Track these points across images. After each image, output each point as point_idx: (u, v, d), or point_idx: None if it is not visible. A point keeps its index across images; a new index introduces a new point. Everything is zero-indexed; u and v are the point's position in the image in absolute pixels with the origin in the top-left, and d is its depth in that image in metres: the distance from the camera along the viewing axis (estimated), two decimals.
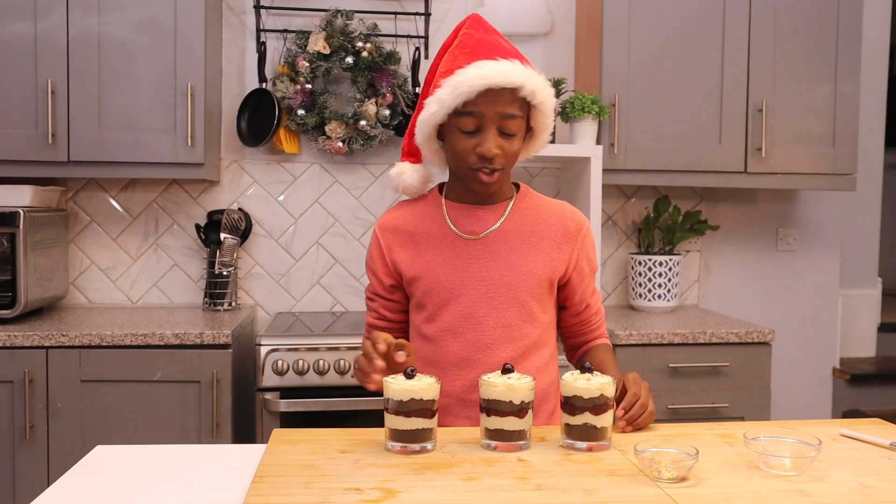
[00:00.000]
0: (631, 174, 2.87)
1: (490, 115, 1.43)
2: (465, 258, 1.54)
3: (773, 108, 2.89)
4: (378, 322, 1.67)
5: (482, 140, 1.45)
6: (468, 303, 1.53)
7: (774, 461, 1.18)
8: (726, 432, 1.39)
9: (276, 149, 3.06)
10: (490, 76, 1.41)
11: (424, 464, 1.19)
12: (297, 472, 1.14)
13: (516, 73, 1.43)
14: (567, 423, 1.28)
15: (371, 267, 1.63)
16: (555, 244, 1.56)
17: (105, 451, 1.28)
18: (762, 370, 2.70)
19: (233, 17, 3.05)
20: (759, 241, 3.33)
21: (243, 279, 3.09)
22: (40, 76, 2.62)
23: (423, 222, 1.58)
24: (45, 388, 2.44)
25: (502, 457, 1.23)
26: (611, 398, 1.28)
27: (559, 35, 3.19)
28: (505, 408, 1.26)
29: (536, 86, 1.45)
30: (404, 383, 1.24)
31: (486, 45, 1.47)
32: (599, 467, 1.19)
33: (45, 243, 2.73)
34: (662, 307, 3.04)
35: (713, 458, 1.25)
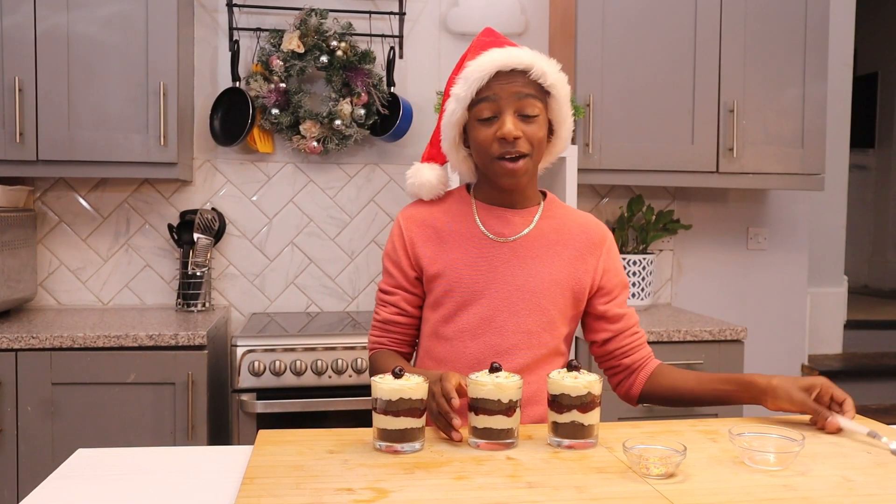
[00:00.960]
0: (605, 174, 2.89)
1: (505, 96, 1.44)
2: (491, 260, 1.52)
3: (744, 109, 2.93)
4: (397, 317, 1.60)
5: (501, 123, 1.45)
6: (489, 306, 1.51)
7: (759, 457, 1.20)
8: (709, 429, 1.41)
9: (249, 148, 3.03)
10: (498, 58, 1.43)
11: (415, 463, 1.19)
12: (287, 472, 1.13)
13: (525, 55, 1.45)
14: (554, 420, 1.29)
15: (394, 259, 1.59)
16: (579, 255, 1.55)
17: (87, 454, 1.25)
18: (735, 367, 2.74)
19: (205, 14, 3.02)
20: (730, 240, 3.37)
21: (217, 280, 3.06)
22: (7, 73, 2.57)
23: (451, 219, 1.56)
24: (15, 391, 2.39)
25: (491, 455, 1.24)
26: (598, 396, 1.28)
27: (533, 35, 3.21)
28: (493, 406, 1.26)
29: (547, 68, 1.46)
30: (392, 383, 1.24)
31: (496, 43, 1.49)
32: (588, 464, 1.20)
33: (13, 244, 2.67)
34: (637, 305, 3.06)
35: (699, 454, 1.26)
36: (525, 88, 1.45)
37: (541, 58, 1.47)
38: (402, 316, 1.61)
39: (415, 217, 1.59)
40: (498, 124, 1.45)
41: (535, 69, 1.44)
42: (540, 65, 1.45)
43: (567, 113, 1.52)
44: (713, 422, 1.46)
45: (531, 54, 1.46)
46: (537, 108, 1.46)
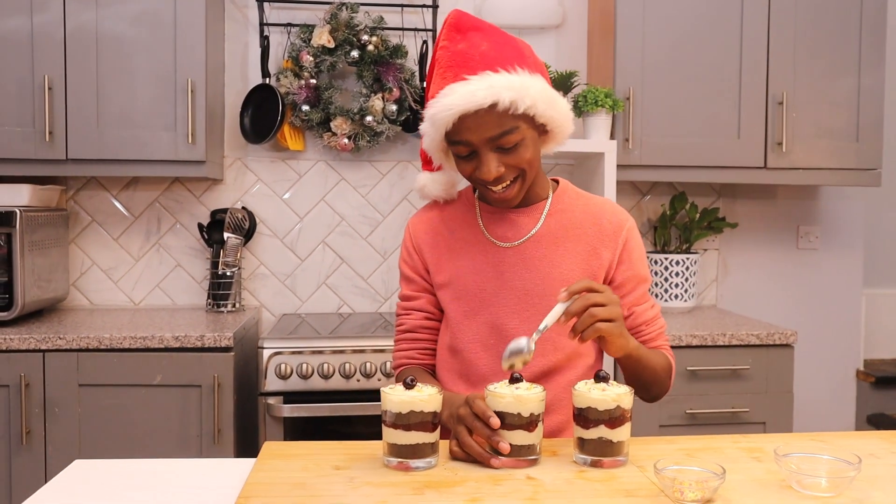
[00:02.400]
0: (646, 170, 2.77)
1: (477, 140, 1.32)
2: (498, 266, 1.44)
3: (794, 101, 2.78)
4: (424, 322, 1.53)
5: (479, 164, 1.35)
6: (499, 314, 1.43)
7: (809, 481, 1.08)
8: (753, 445, 1.29)
9: (280, 146, 2.97)
10: (457, 104, 1.29)
11: (425, 482, 1.10)
12: (286, 491, 1.05)
13: (485, 90, 1.27)
14: (580, 437, 1.19)
15: (410, 264, 1.54)
16: (591, 248, 1.45)
17: (83, 465, 1.20)
18: (784, 373, 2.60)
19: (235, 11, 2.97)
20: (779, 239, 3.21)
21: (248, 280, 3.01)
22: (37, 72, 2.55)
23: (455, 225, 1.50)
24: (43, 392, 2.36)
25: (510, 474, 1.14)
26: (628, 410, 1.18)
27: (571, 27, 3.09)
28: (513, 420, 1.16)
29: (515, 95, 1.28)
30: (403, 394, 1.15)
31: (458, 60, 1.32)
32: (616, 486, 1.10)
33: (44, 244, 2.65)
34: (679, 308, 2.94)
35: (740, 475, 1.15)
36: (496, 127, 1.31)
37: (506, 85, 1.28)
38: (430, 320, 1.54)
39: (421, 225, 1.54)
40: (476, 162, 1.35)
41: (500, 103, 1.28)
42: (506, 97, 1.28)
43: (556, 117, 1.36)
44: (758, 437, 1.35)
45: (491, 88, 1.27)
46: (517, 136, 1.33)
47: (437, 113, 1.32)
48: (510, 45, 1.35)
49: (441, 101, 1.31)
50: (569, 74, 2.66)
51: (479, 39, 1.33)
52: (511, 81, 1.29)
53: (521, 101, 1.29)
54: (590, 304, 1.21)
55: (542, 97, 1.32)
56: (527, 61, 1.33)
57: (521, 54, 1.34)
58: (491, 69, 1.29)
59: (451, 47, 1.34)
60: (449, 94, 1.30)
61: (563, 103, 1.37)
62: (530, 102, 1.30)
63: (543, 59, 2.95)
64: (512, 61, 1.31)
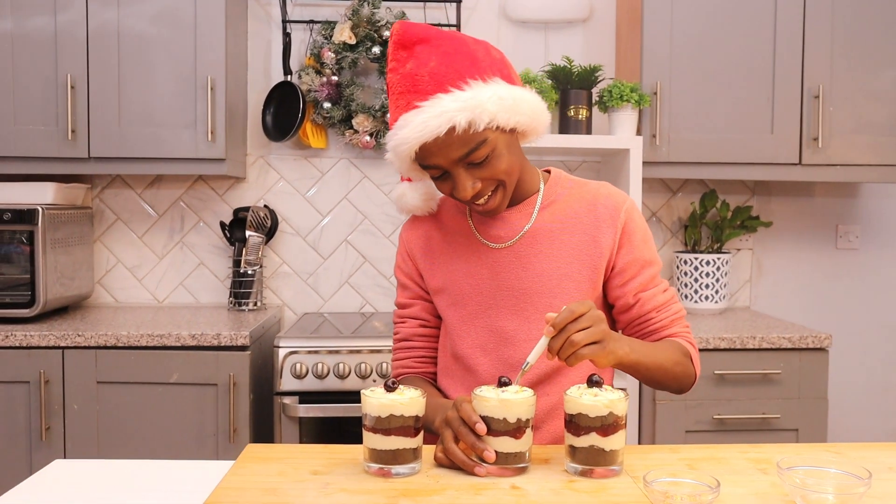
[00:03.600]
0: (674, 167, 2.68)
1: (445, 163, 1.27)
2: (493, 267, 1.39)
3: (831, 95, 2.66)
4: (419, 329, 1.50)
5: (453, 184, 1.29)
6: (497, 317, 1.38)
7: (815, 497, 1.01)
8: (761, 456, 1.22)
9: (302, 144, 2.95)
10: (412, 137, 1.23)
11: (402, 490, 1.05)
12: (255, 497, 1.01)
13: (437, 118, 1.21)
14: (571, 444, 1.13)
15: (405, 271, 1.50)
16: (589, 237, 1.37)
17: (62, 465, 1.18)
18: (818, 378, 2.49)
19: (258, 8, 2.96)
20: (817, 238, 3.09)
21: (270, 278, 3.00)
22: (60, 71, 2.57)
23: (448, 229, 1.45)
24: (62, 388, 2.38)
25: (494, 483, 1.09)
26: (622, 417, 1.12)
27: (599, 21, 3.01)
28: (499, 426, 1.11)
29: (470, 115, 1.21)
30: (383, 397, 1.11)
31: (407, 84, 1.26)
32: (605, 498, 1.04)
33: (67, 241, 2.67)
34: (710, 309, 2.84)
35: (742, 489, 1.08)
36: (461, 147, 1.24)
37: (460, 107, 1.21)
38: (425, 327, 1.50)
39: (414, 230, 1.49)
40: (451, 182, 1.30)
41: (458, 127, 1.21)
42: (461, 119, 1.21)
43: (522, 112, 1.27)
44: (768, 448, 1.27)
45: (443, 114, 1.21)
46: (486, 149, 1.26)
47: (396, 146, 1.28)
48: (461, 52, 1.26)
49: (397, 135, 1.26)
50: (592, 69, 2.58)
51: (427, 55, 1.25)
52: (464, 101, 1.21)
53: (478, 120, 1.22)
54: (570, 335, 1.12)
55: (501, 107, 1.24)
56: (480, 67, 1.25)
57: (474, 61, 1.25)
58: (441, 90, 1.22)
59: (399, 69, 1.28)
60: (404, 126, 1.25)
61: (527, 101, 1.29)
62: (489, 118, 1.23)
63: (570, 54, 2.88)
64: (463, 75, 1.23)
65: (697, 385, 2.41)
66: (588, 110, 2.60)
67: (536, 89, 2.52)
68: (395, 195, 1.48)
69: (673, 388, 1.37)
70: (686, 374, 1.36)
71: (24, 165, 2.61)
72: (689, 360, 1.36)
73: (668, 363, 1.32)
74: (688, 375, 1.36)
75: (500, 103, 1.24)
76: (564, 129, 2.60)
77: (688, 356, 1.36)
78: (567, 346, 1.12)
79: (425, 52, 1.25)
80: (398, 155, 1.29)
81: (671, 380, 1.34)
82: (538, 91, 2.51)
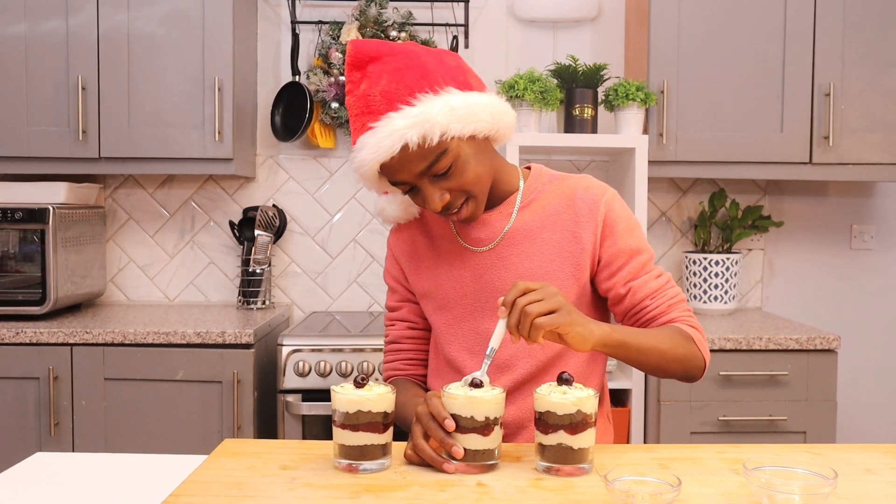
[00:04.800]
0: (682, 166, 2.65)
1: (409, 178, 1.27)
2: (475, 271, 1.38)
3: (843, 92, 2.62)
4: (407, 332, 1.51)
5: (423, 198, 1.30)
6: (482, 319, 1.38)
7: (780, 497, 0.99)
8: (739, 456, 1.20)
9: (311, 143, 2.97)
10: (369, 158, 1.24)
11: (367, 485, 1.05)
12: (219, 490, 1.02)
13: (390, 138, 1.21)
14: (540, 442, 1.12)
15: (393, 274, 1.51)
16: (570, 234, 1.36)
17: (42, 458, 1.20)
18: (827, 380, 2.45)
19: (268, 9, 2.99)
20: (831, 238, 3.04)
21: (279, 277, 3.03)
22: (71, 73, 2.62)
23: (432, 232, 1.46)
24: (70, 385, 2.42)
25: (460, 480, 1.08)
26: (591, 415, 1.11)
27: (608, 19, 2.99)
28: (466, 424, 1.10)
29: (421, 130, 1.20)
30: (351, 393, 1.11)
31: (361, 106, 1.26)
32: (569, 497, 1.03)
33: (78, 240, 2.72)
34: (719, 310, 2.80)
35: (711, 489, 1.06)
36: (421, 161, 1.24)
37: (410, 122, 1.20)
38: (413, 329, 1.51)
39: (400, 235, 1.50)
40: (422, 195, 1.29)
41: (411, 143, 1.21)
42: (413, 136, 1.20)
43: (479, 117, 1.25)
44: (746, 448, 1.25)
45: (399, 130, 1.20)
46: (448, 159, 1.25)
47: (358, 168, 1.28)
48: (412, 66, 1.24)
49: (357, 157, 1.27)
50: (597, 68, 2.57)
51: (378, 73, 1.25)
52: (414, 118, 1.20)
53: (430, 133, 1.21)
54: (522, 307, 1.12)
55: (452, 117, 1.22)
56: (431, 78, 1.24)
57: (424, 73, 1.24)
58: (392, 109, 1.22)
59: (354, 91, 1.28)
60: (361, 149, 1.26)
61: (484, 104, 1.26)
62: (441, 130, 1.21)
63: (579, 53, 2.87)
64: (413, 90, 1.22)
65: (703, 386, 2.41)
66: (594, 109, 2.59)
67: (541, 88, 2.52)
68: (376, 209, 1.50)
69: (678, 374, 1.31)
70: (690, 357, 1.30)
71: (37, 165, 2.66)
72: (692, 343, 1.31)
73: (665, 345, 1.27)
74: (693, 358, 1.31)
75: (452, 114, 1.22)
76: (570, 129, 2.59)
77: (691, 340, 1.31)
78: (522, 319, 1.11)
79: (377, 70, 1.25)
80: (363, 175, 1.30)
81: (673, 364, 1.28)
82: (542, 90, 2.51)
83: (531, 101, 2.51)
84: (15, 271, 2.57)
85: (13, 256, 2.58)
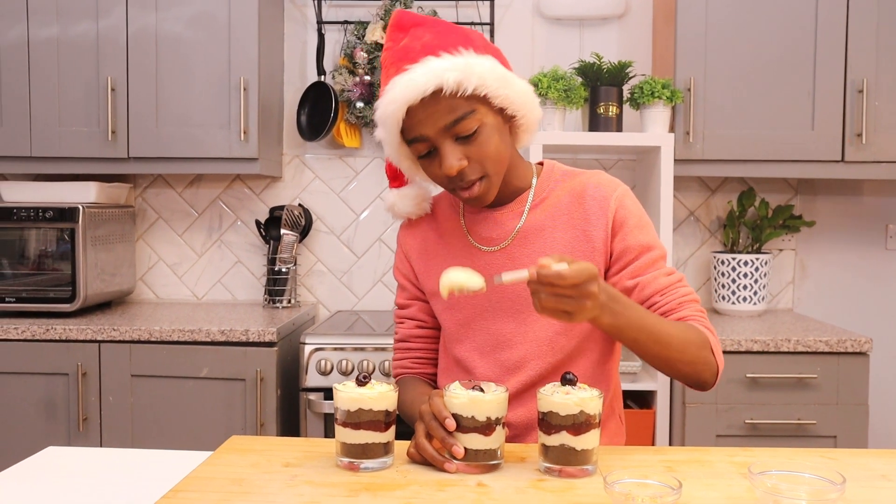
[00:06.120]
0: (709, 164, 2.61)
1: (432, 132, 1.23)
2: (486, 270, 1.35)
3: (876, 89, 2.55)
4: (416, 331, 1.50)
5: (440, 159, 1.25)
6: (493, 320, 1.37)
7: (786, 502, 0.97)
8: (748, 460, 1.17)
9: (337, 143, 2.99)
10: (398, 97, 1.20)
11: (367, 484, 1.05)
12: (220, 487, 1.03)
13: (424, 76, 1.19)
14: (543, 443, 1.11)
15: (403, 272, 1.50)
16: (581, 233, 1.33)
17: (53, 451, 1.22)
18: (858, 384, 2.39)
19: (294, 10, 3.01)
20: (865, 238, 2.96)
21: (305, 276, 3.05)
22: (101, 74, 2.66)
23: (442, 230, 1.44)
24: (98, 381, 2.46)
25: (460, 480, 1.08)
26: (594, 416, 1.09)
27: (635, 17, 2.96)
28: (468, 423, 1.10)
29: (459, 75, 1.19)
30: (352, 391, 1.11)
31: (399, 55, 1.25)
32: (569, 498, 1.02)
33: (108, 239, 2.76)
34: (748, 311, 2.75)
35: (716, 493, 1.04)
36: (449, 114, 1.21)
37: (448, 66, 1.20)
38: (422, 328, 1.50)
39: (410, 230, 1.48)
40: (438, 159, 1.26)
41: (445, 86, 1.19)
42: (450, 78, 1.19)
43: (513, 89, 1.25)
44: (758, 452, 1.22)
45: (432, 71, 1.19)
46: (474, 121, 1.23)
47: (383, 111, 1.24)
48: (456, 32, 1.26)
49: (384, 98, 1.24)
50: (622, 65, 2.54)
51: (422, 32, 1.25)
52: (455, 63, 1.20)
53: (466, 81, 1.20)
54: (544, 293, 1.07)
55: (491, 75, 1.22)
56: (474, 44, 1.24)
57: (468, 39, 1.25)
58: (433, 55, 1.21)
59: (393, 46, 1.27)
60: (391, 89, 1.22)
61: (520, 83, 1.27)
62: (478, 81, 1.21)
63: (605, 51, 2.84)
64: (456, 45, 1.22)
65: (729, 388, 2.37)
66: (618, 107, 2.56)
67: (565, 87, 2.49)
68: (386, 205, 1.47)
69: (687, 373, 1.24)
70: (700, 361, 1.23)
71: (68, 165, 2.71)
72: (707, 346, 1.24)
73: (675, 338, 1.19)
74: (705, 362, 1.24)
75: (492, 72, 1.22)
76: (594, 127, 2.56)
77: (706, 343, 1.24)
78: (535, 297, 1.09)
79: (420, 31, 1.26)
80: (385, 123, 1.25)
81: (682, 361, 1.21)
82: (566, 89, 2.49)
83: (555, 100, 2.49)
84: (46, 269, 2.62)
85: (45, 255, 2.63)
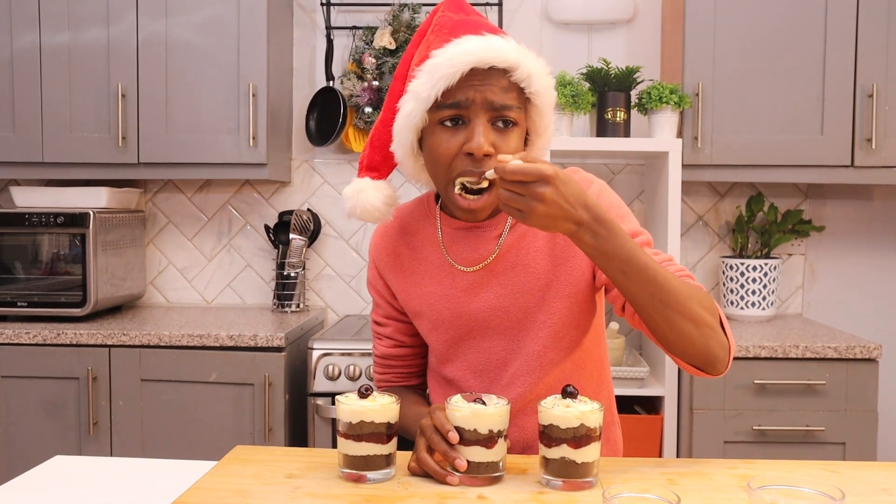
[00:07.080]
0: (717, 170, 2.60)
1: (479, 101, 1.15)
2: (468, 288, 1.29)
3: (887, 93, 2.54)
4: (396, 350, 1.44)
5: (470, 134, 1.15)
6: (482, 336, 1.31)
7: None
8: (749, 472, 1.17)
9: (345, 148, 3.00)
10: (475, 51, 1.14)
11: (367, 496, 1.06)
12: (221, 498, 1.04)
13: (510, 49, 1.16)
14: (544, 455, 1.11)
15: (376, 288, 1.41)
16: (560, 235, 1.23)
17: (60, 461, 1.23)
18: (867, 390, 2.37)
19: (303, 15, 3.02)
20: (876, 244, 2.95)
21: (314, 281, 3.06)
22: (112, 80, 2.68)
23: (416, 243, 1.35)
24: (108, 386, 2.48)
25: (461, 492, 1.08)
26: (595, 429, 1.09)
27: (643, 21, 2.95)
28: (470, 436, 1.10)
29: (534, 69, 1.17)
30: (354, 403, 1.11)
31: (467, 24, 1.20)
32: None
33: (118, 244, 2.79)
34: (757, 316, 2.74)
35: None
36: (503, 95, 1.17)
37: (528, 55, 1.19)
38: (401, 348, 1.44)
39: (383, 246, 1.39)
40: (466, 133, 1.17)
41: (520, 70, 1.16)
42: (527, 65, 1.17)
43: (548, 124, 1.24)
44: (760, 465, 1.22)
45: (517, 49, 1.17)
46: (515, 115, 1.19)
47: (444, 62, 1.15)
48: None
49: (452, 49, 1.15)
50: (630, 70, 2.54)
51: (486, 20, 1.25)
52: (517, 48, 1.18)
53: (535, 81, 1.18)
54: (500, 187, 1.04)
55: (542, 71, 1.20)
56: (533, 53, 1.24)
57: None
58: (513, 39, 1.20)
59: (454, 17, 1.22)
60: (463, 43, 1.15)
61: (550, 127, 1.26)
62: (541, 89, 1.19)
63: (612, 56, 2.84)
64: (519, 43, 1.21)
65: (737, 394, 2.36)
66: (626, 113, 2.55)
67: (572, 92, 2.49)
68: (349, 190, 1.31)
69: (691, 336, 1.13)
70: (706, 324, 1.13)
71: (79, 171, 2.73)
72: (713, 310, 1.15)
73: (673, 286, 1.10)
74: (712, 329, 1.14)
75: (549, 98, 1.22)
76: (602, 133, 2.56)
77: (713, 308, 1.15)
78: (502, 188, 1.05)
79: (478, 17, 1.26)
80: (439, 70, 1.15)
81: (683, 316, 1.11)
82: (573, 94, 2.49)
83: (562, 105, 2.49)
84: (57, 274, 2.65)
85: (56, 259, 2.65)
